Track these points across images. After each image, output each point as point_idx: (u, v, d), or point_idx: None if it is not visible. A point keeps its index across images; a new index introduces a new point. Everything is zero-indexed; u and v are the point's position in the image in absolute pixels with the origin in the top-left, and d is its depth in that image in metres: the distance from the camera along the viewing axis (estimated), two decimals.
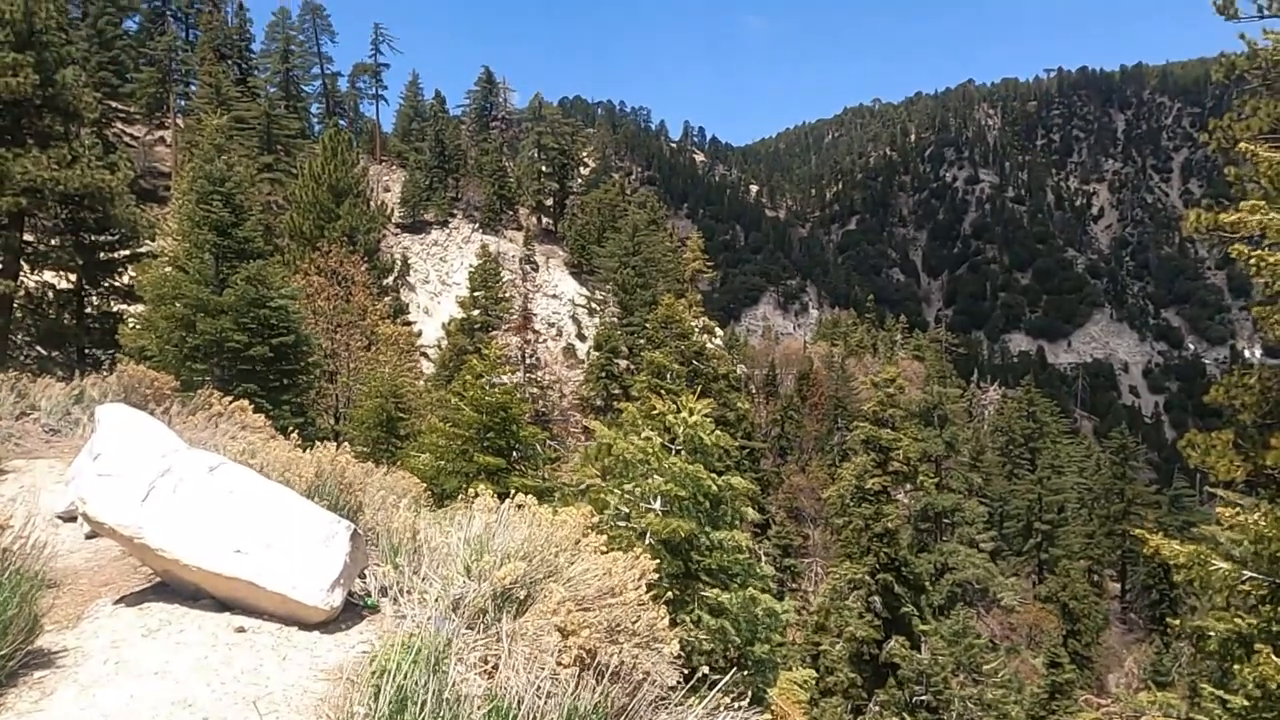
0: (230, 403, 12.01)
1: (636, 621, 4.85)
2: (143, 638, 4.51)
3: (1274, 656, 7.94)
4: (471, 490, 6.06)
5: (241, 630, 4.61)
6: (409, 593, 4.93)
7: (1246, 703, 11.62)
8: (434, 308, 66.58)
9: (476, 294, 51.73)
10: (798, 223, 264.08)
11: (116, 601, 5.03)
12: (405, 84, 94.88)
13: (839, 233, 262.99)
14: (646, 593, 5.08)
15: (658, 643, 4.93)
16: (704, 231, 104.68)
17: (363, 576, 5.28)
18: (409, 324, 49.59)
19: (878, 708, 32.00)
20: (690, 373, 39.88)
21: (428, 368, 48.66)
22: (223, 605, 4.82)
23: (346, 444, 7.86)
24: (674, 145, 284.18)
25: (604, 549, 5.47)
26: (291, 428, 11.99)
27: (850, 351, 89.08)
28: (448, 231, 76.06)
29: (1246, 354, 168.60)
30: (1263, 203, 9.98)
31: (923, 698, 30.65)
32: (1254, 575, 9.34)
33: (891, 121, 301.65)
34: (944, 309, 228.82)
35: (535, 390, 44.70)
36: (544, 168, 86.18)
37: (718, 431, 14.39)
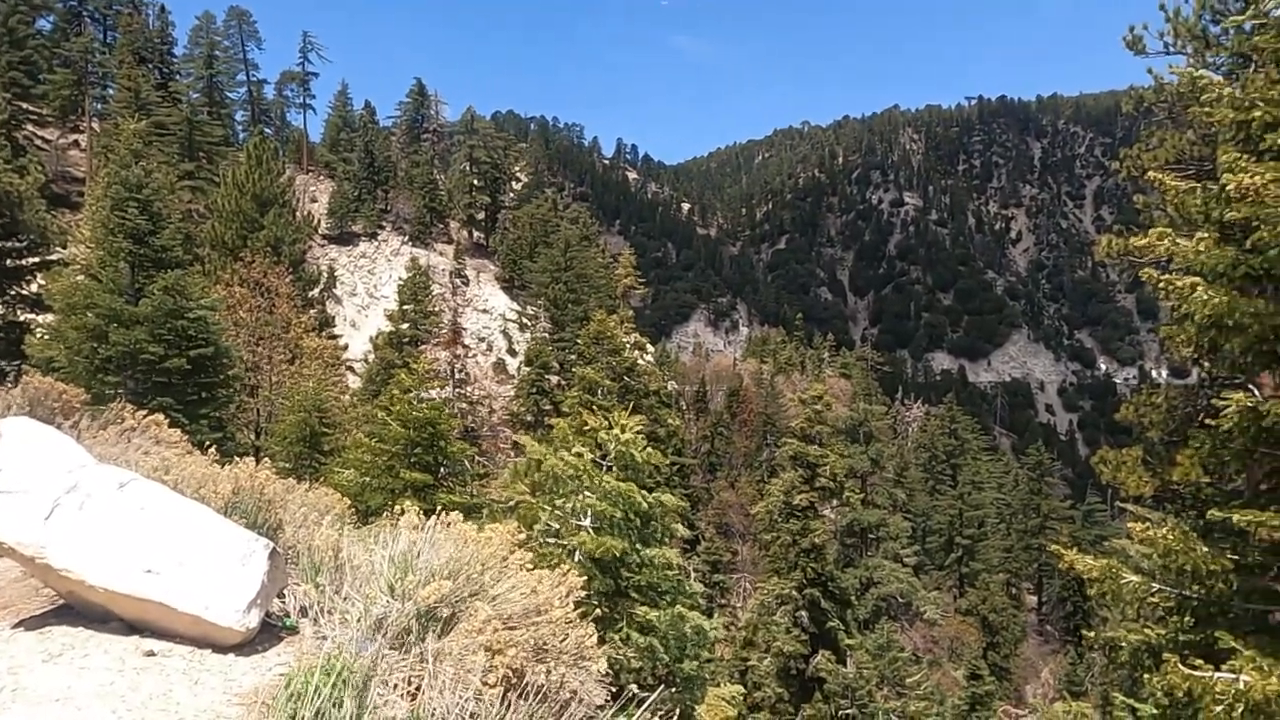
0: (144, 417, 11.53)
1: (564, 640, 4.80)
2: (43, 663, 4.29)
3: (1181, 666, 8.24)
4: (397, 507, 5.93)
5: (151, 654, 4.42)
6: (330, 613, 4.78)
7: (1155, 711, 12.04)
8: (361, 321, 65.39)
9: (405, 307, 50.99)
10: (728, 241, 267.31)
11: (15, 625, 4.77)
12: (334, 93, 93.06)
13: (769, 251, 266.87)
14: (574, 610, 5.03)
15: (585, 661, 4.89)
16: (636, 248, 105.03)
17: (281, 596, 5.12)
18: (335, 337, 48.67)
19: None
20: (621, 389, 39.87)
21: (354, 382, 47.75)
22: (131, 628, 4.62)
23: (267, 460, 7.63)
24: (607, 162, 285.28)
25: (531, 566, 5.40)
26: (209, 443, 11.59)
27: (779, 369, 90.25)
28: (376, 244, 74.89)
29: (1154, 374, 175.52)
30: (1170, 229, 10.43)
31: (848, 711, 31.02)
32: (1162, 588, 9.70)
33: (820, 144, 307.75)
34: (870, 328, 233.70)
35: (464, 405, 44.12)
36: (476, 181, 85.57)
37: (649, 449, 14.40)
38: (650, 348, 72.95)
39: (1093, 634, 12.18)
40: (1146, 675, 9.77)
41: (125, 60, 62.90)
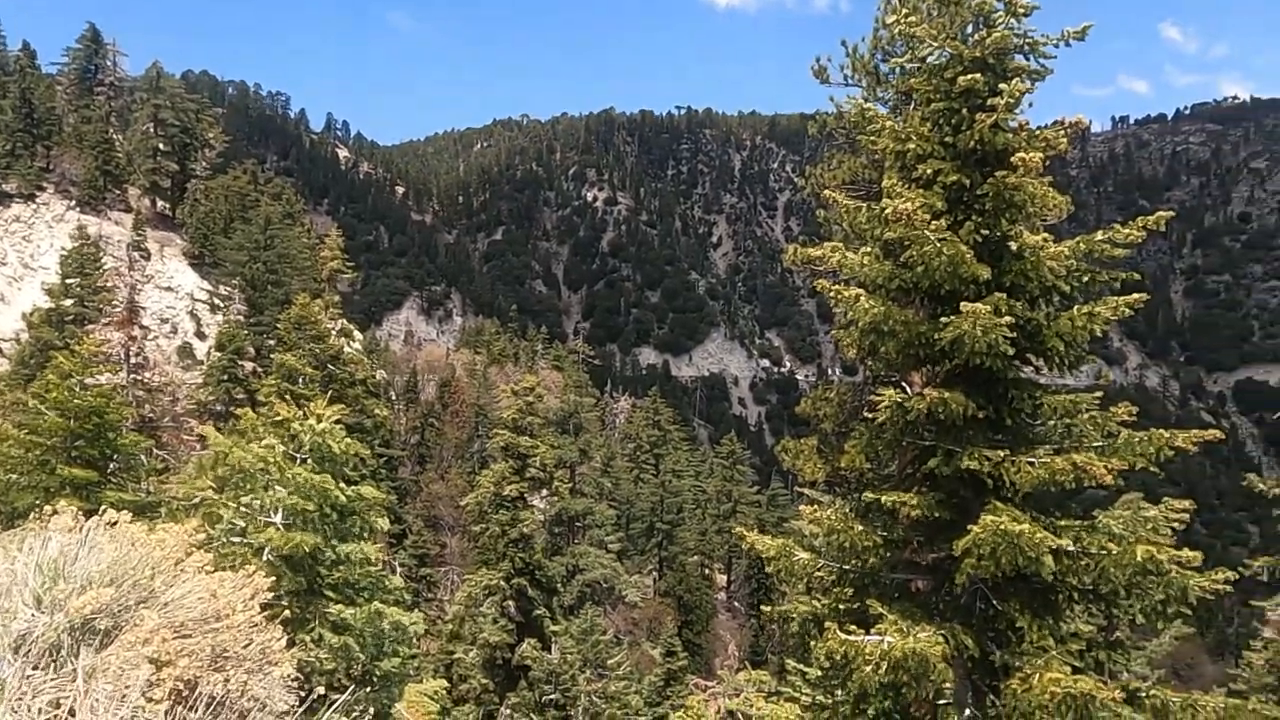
0: None
1: (247, 645, 4.51)
2: None
3: (839, 632, 9.26)
4: (50, 508, 5.24)
5: None
6: None
7: (820, 673, 13.48)
8: (12, 295, 56.92)
9: (70, 281, 45.06)
10: (444, 228, 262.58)
11: None
12: None
13: (485, 242, 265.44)
14: (260, 613, 4.73)
15: (271, 666, 4.63)
16: (345, 230, 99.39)
17: None
18: None
19: (509, 711, 32.63)
20: (325, 377, 38.03)
21: (2, 365, 41.48)
22: None
23: None
24: (315, 137, 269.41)
25: (213, 568, 5.01)
26: None
27: (493, 360, 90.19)
28: (34, 207, 65.41)
29: (830, 372, 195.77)
30: (841, 244, 11.65)
31: (552, 696, 31.76)
32: (827, 563, 10.83)
33: (539, 138, 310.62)
34: (582, 322, 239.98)
35: (141, 393, 39.67)
36: (161, 145, 76.93)
37: (349, 439, 13.82)
38: (358, 335, 69.99)
39: (770, 608, 13.39)
40: (813, 642, 10.88)
41: None
